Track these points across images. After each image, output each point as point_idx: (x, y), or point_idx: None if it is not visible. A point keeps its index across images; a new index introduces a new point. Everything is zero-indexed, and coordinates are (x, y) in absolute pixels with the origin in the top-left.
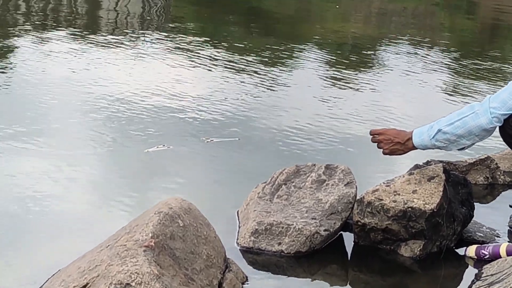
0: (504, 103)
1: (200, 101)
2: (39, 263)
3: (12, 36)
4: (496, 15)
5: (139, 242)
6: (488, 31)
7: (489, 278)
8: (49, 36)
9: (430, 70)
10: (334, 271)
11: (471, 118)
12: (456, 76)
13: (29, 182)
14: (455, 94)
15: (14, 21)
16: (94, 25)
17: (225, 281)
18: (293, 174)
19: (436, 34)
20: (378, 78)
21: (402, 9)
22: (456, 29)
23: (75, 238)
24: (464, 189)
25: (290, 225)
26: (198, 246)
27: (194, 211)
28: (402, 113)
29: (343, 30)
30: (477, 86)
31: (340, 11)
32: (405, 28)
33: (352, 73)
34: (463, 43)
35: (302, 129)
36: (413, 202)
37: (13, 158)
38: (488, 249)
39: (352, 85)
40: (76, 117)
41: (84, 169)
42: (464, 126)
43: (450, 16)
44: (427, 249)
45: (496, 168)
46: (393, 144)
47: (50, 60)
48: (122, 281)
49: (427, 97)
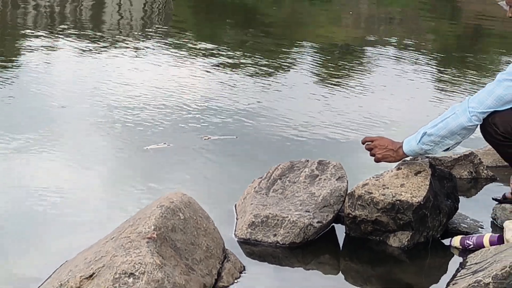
0: (481, 103)
1: (198, 101)
2: (48, 254)
3: (21, 40)
4: (478, 21)
5: (142, 234)
6: (470, 36)
7: (473, 267)
8: (56, 40)
9: (416, 71)
10: (326, 260)
11: (452, 118)
12: (440, 77)
13: (40, 180)
14: (438, 93)
15: (22, 26)
16: (98, 29)
17: (223, 270)
18: (288, 169)
19: (421, 37)
20: (368, 79)
21: (389, 15)
22: (440, 33)
23: (81, 231)
24: (449, 183)
25: (285, 218)
26: (198, 237)
27: (194, 205)
28: (389, 112)
29: (335, 33)
30: (460, 86)
31: (332, 15)
32: (392, 32)
33: (343, 75)
34: (446, 47)
35: (296, 127)
36: (401, 195)
37: (25, 157)
38: (472, 239)
39: (343, 86)
40: (82, 118)
41: (89, 167)
42: (446, 127)
43: (435, 22)
44: (415, 240)
45: (479, 163)
46: (386, 150)
47: (57, 63)
48: (126, 271)
49: (413, 96)
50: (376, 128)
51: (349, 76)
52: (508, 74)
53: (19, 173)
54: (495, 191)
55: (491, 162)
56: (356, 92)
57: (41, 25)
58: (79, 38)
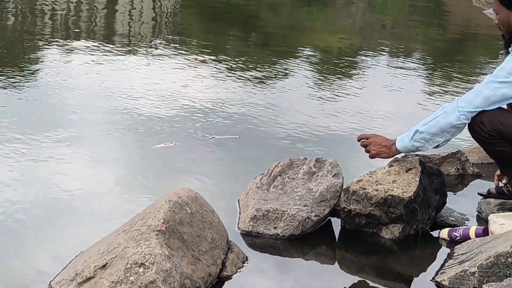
0: (470, 102)
1: (203, 103)
2: (64, 246)
3: (36, 47)
4: (465, 28)
5: (152, 227)
6: (457, 42)
7: (460, 257)
8: (69, 46)
9: (407, 75)
10: (323, 251)
11: (442, 117)
12: (430, 80)
13: (58, 178)
14: (429, 95)
15: (39, 33)
16: (110, 35)
17: (227, 260)
18: (287, 166)
19: (411, 44)
20: (362, 82)
21: (382, 22)
22: (429, 39)
23: (95, 225)
24: (438, 179)
25: (285, 212)
26: (203, 230)
27: (200, 199)
28: (382, 113)
29: (331, 40)
30: (449, 89)
31: (327, 23)
32: (384, 38)
33: (339, 78)
34: (435, 51)
35: (295, 127)
36: (393, 191)
37: (43, 156)
38: (459, 232)
39: (339, 89)
40: (96, 121)
41: (102, 165)
42: (436, 125)
43: (423, 28)
44: (406, 232)
45: (466, 160)
46: (381, 146)
47: (71, 68)
48: (137, 261)
49: (404, 98)
50: (369, 128)
51: (345, 80)
52: (496, 77)
53: (37, 171)
54: (480, 187)
55: (477, 160)
56: (351, 95)
57: (57, 32)
58: (90, 47)
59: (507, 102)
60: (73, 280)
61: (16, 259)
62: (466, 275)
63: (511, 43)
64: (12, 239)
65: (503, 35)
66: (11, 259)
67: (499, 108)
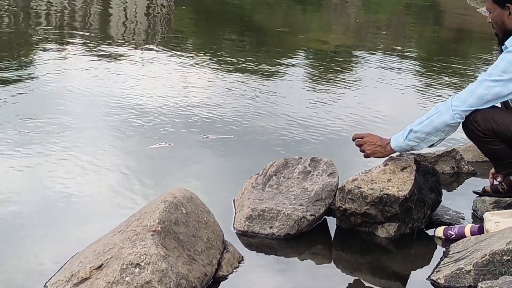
0: (464, 101)
1: (198, 103)
2: (60, 247)
3: (32, 48)
4: (459, 26)
5: (147, 227)
6: (452, 40)
7: (455, 255)
8: (63, 47)
9: (402, 74)
10: (319, 251)
11: (436, 116)
12: (424, 79)
13: (52, 179)
14: (423, 93)
15: (34, 34)
16: (105, 37)
17: (223, 260)
18: (282, 166)
19: (406, 42)
20: (357, 82)
21: (376, 23)
22: (424, 38)
23: (91, 225)
24: (433, 177)
25: (280, 211)
26: (199, 230)
27: (195, 199)
28: (377, 112)
29: (326, 40)
30: (443, 88)
31: (322, 23)
32: (380, 38)
33: (334, 78)
34: (430, 50)
35: (290, 127)
36: (388, 190)
37: (40, 156)
38: (454, 230)
39: (334, 89)
40: (92, 121)
41: (98, 166)
42: (430, 124)
43: (419, 27)
44: (401, 231)
45: (461, 159)
46: (375, 146)
47: (66, 68)
48: (133, 261)
49: (399, 98)
50: (365, 127)
51: (340, 80)
52: (489, 75)
53: (32, 173)
54: (475, 185)
55: (471, 158)
56: (346, 95)
57: (52, 31)
58: (86, 47)
59: (501, 101)
60: (69, 281)
61: (11, 260)
62: (461, 273)
63: (505, 42)
64: (7, 240)
65: (497, 33)
66: (7, 260)
67: (493, 106)
